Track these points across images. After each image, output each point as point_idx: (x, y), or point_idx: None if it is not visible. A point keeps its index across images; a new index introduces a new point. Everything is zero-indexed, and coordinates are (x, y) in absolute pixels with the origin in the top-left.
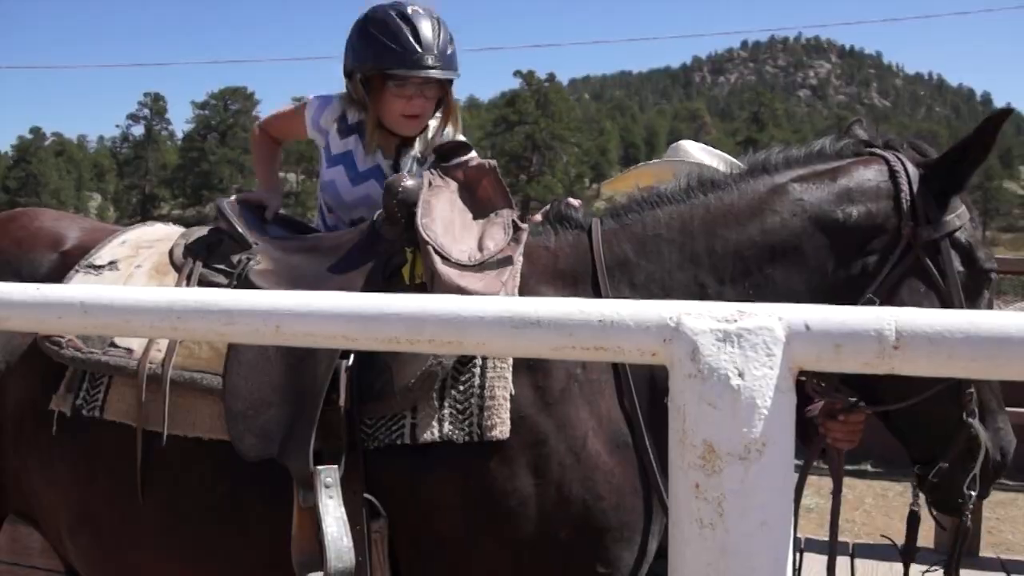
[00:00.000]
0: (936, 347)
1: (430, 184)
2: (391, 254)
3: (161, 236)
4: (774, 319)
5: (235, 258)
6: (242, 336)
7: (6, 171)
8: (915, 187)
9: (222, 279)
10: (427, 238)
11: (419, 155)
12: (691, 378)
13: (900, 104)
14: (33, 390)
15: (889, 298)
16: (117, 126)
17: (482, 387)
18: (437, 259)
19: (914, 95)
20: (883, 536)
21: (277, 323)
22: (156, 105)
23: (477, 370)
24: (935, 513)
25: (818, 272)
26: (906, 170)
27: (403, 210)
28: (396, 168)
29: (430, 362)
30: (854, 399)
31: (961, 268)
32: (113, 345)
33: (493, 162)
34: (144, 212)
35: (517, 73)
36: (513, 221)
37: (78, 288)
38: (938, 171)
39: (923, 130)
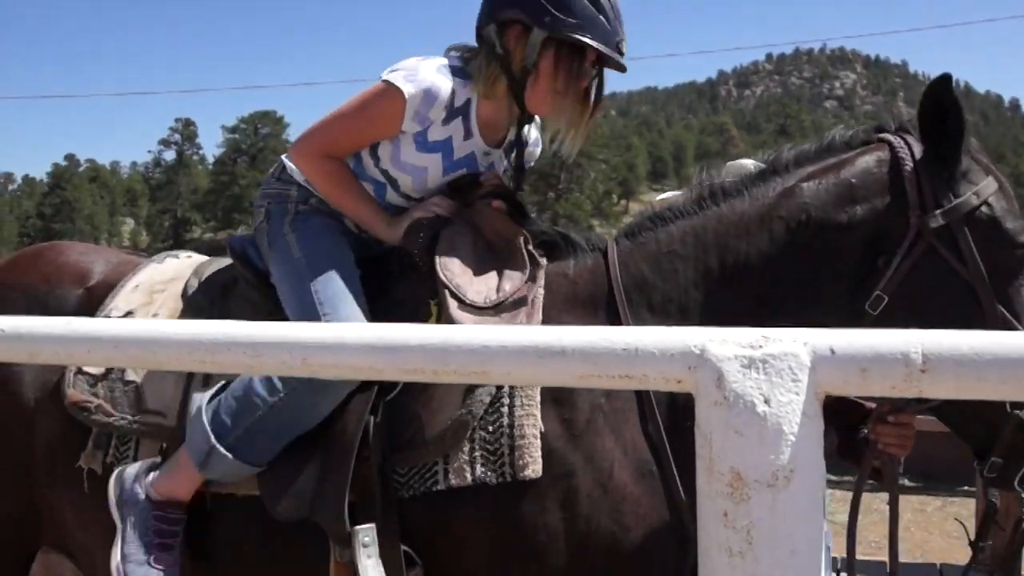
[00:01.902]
0: (964, 369)
1: (450, 223)
2: (415, 306)
3: (173, 275)
4: (799, 344)
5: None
6: (269, 368)
7: (41, 197)
8: (920, 169)
9: None
10: (444, 279)
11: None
12: (717, 405)
13: None
14: (62, 433)
15: (903, 294)
16: (149, 152)
17: (511, 426)
18: (453, 303)
19: None
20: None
21: (303, 356)
22: (187, 130)
23: (505, 409)
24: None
25: (831, 276)
26: (912, 153)
27: (424, 258)
28: (519, 147)
29: (460, 411)
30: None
31: (987, 249)
32: (144, 410)
33: (511, 189)
34: (176, 236)
35: None
36: (531, 254)
37: (107, 321)
38: (929, 139)
39: None
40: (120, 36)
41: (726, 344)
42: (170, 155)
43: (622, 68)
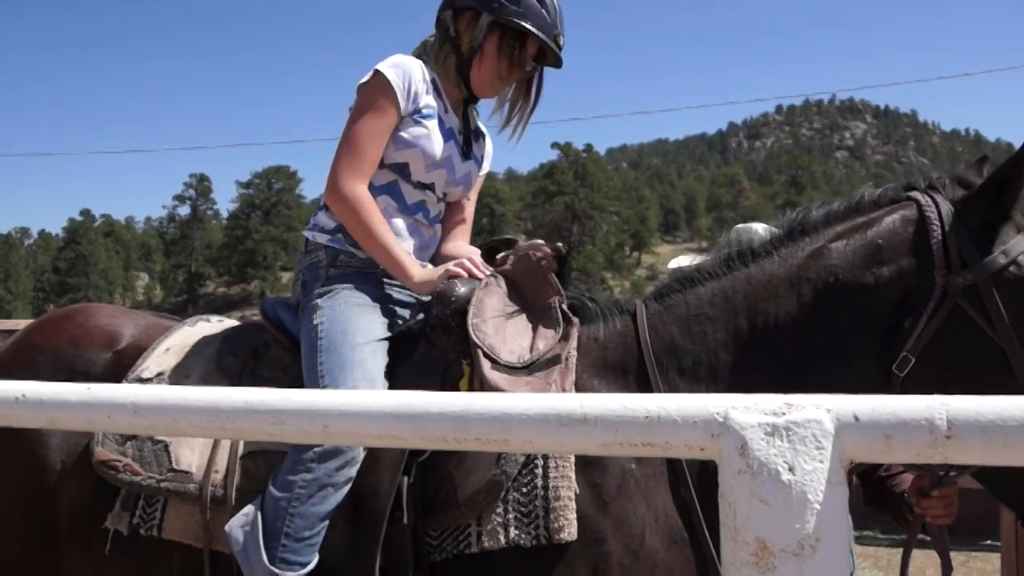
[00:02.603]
0: (990, 436)
1: (482, 284)
2: (447, 366)
3: (203, 339)
4: (822, 411)
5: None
6: (291, 436)
7: (57, 252)
8: (948, 228)
9: None
10: (477, 340)
11: (483, 130)
12: (741, 474)
13: (938, 161)
14: (88, 495)
15: (931, 355)
16: (164, 207)
17: (545, 488)
18: (486, 363)
19: (952, 151)
20: None
21: (325, 423)
22: (201, 186)
23: (539, 471)
24: None
25: (860, 338)
26: (938, 211)
27: (457, 319)
28: (466, 131)
29: (494, 471)
30: (943, 471)
31: (1017, 309)
32: (172, 470)
33: (541, 252)
34: (190, 291)
35: (555, 145)
36: (563, 313)
37: (128, 388)
38: (977, 203)
39: None
40: (136, 93)
41: (749, 411)
42: (184, 210)
43: (558, 60)
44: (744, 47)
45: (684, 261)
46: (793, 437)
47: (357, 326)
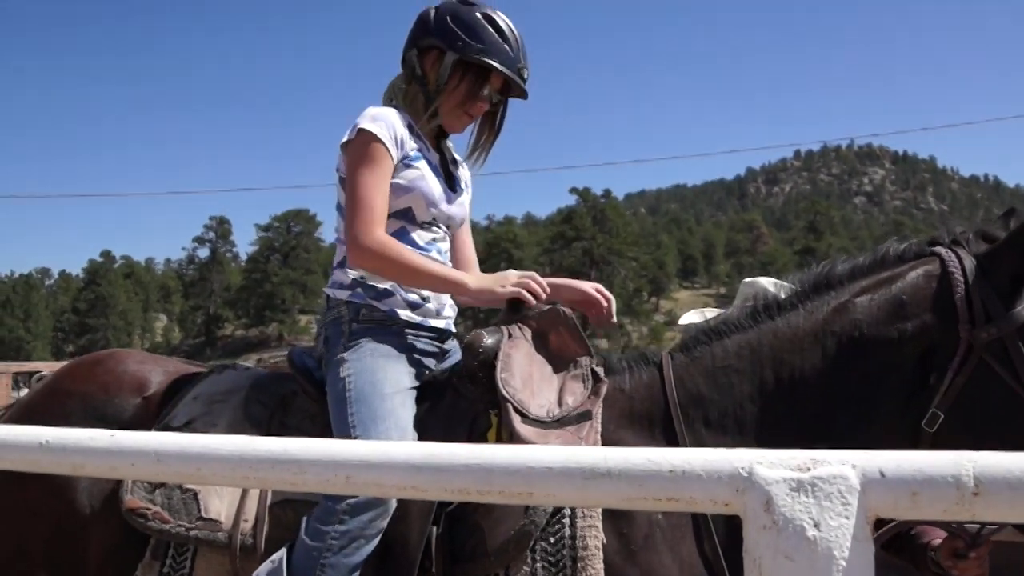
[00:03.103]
0: (1018, 492)
1: (509, 336)
2: (474, 416)
3: (231, 387)
4: (848, 467)
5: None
6: (313, 486)
7: (77, 293)
8: (971, 282)
9: None
10: (506, 395)
11: (458, 159)
12: (766, 529)
13: (957, 207)
14: (118, 543)
15: (959, 410)
16: (183, 249)
17: (573, 537)
18: (516, 418)
19: (971, 197)
20: None
21: (347, 474)
22: (221, 228)
23: (567, 520)
24: None
25: (886, 393)
26: (961, 266)
27: (485, 371)
28: (445, 165)
29: (523, 522)
30: (975, 529)
31: None
32: (201, 518)
33: (568, 309)
34: (208, 332)
35: (573, 190)
36: (592, 371)
37: (151, 436)
38: (1002, 257)
39: None
40: (158, 136)
41: (774, 467)
42: (204, 252)
43: (523, 92)
44: (762, 93)
45: (695, 318)
46: (819, 493)
47: (385, 377)
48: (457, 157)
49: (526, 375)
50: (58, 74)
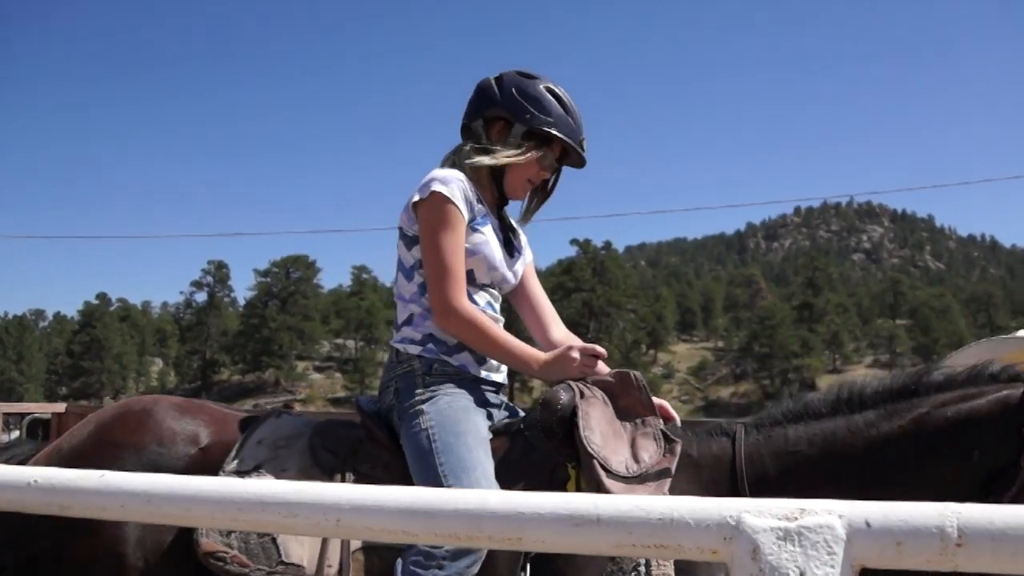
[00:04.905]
0: (1000, 545)
1: (582, 394)
2: (552, 468)
3: (293, 432)
4: (835, 517)
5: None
6: (303, 529)
7: (71, 335)
8: None
9: None
10: (591, 451)
11: (515, 225)
12: None
13: (954, 266)
14: None
15: None
16: (181, 292)
17: None
18: (602, 473)
19: (968, 257)
20: None
21: (338, 517)
22: (219, 272)
23: (642, 569)
24: None
25: None
26: None
27: (561, 426)
28: (504, 230)
29: (609, 568)
30: None
31: None
32: (282, 562)
33: (639, 374)
34: (204, 377)
35: (574, 241)
36: (663, 432)
37: (141, 477)
38: None
39: (978, 291)
40: (157, 179)
41: (762, 515)
42: (201, 296)
43: (583, 161)
44: (764, 149)
45: (975, 354)
46: (805, 542)
47: (467, 428)
48: (513, 223)
49: (604, 432)
50: (54, 117)
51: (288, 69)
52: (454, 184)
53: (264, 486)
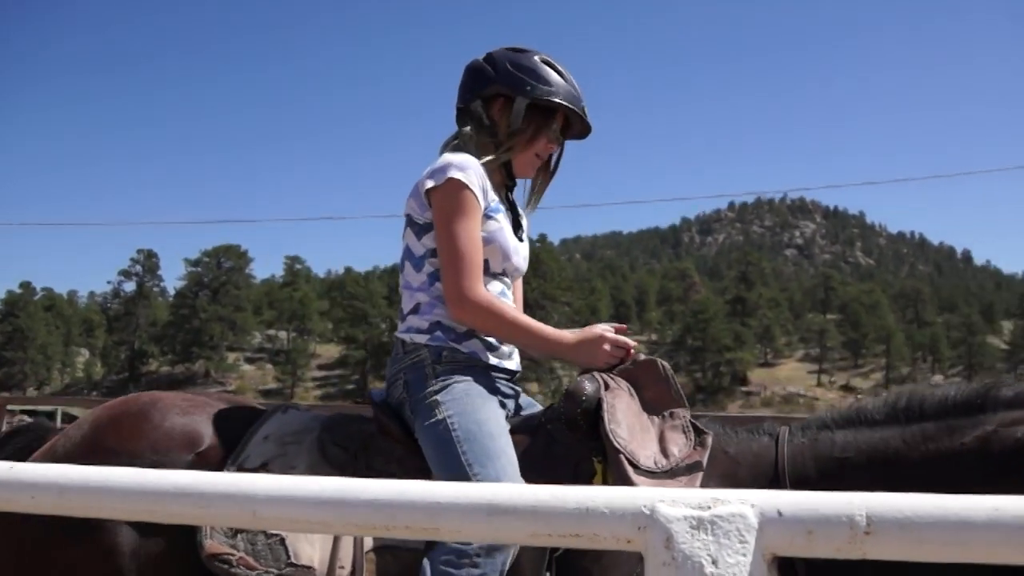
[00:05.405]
0: (906, 532)
1: (607, 386)
2: (577, 462)
3: (300, 428)
4: (747, 506)
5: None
6: (218, 519)
7: None
8: None
9: None
10: (618, 446)
11: (520, 210)
12: (666, 566)
13: (884, 262)
14: None
15: None
16: (109, 282)
17: None
18: (629, 468)
19: (897, 253)
20: None
21: (254, 508)
22: (149, 262)
23: None
24: None
25: None
26: None
27: (586, 418)
28: (516, 215)
29: (637, 569)
30: None
31: None
32: (292, 564)
33: (665, 363)
34: (132, 369)
35: None
36: (693, 424)
37: (53, 468)
38: None
39: (907, 287)
40: (84, 165)
41: (676, 505)
42: (130, 286)
43: (588, 128)
44: (699, 144)
45: None
46: (718, 531)
47: (488, 416)
48: (520, 209)
49: (631, 425)
50: None
51: (222, 56)
52: (471, 170)
53: (180, 476)
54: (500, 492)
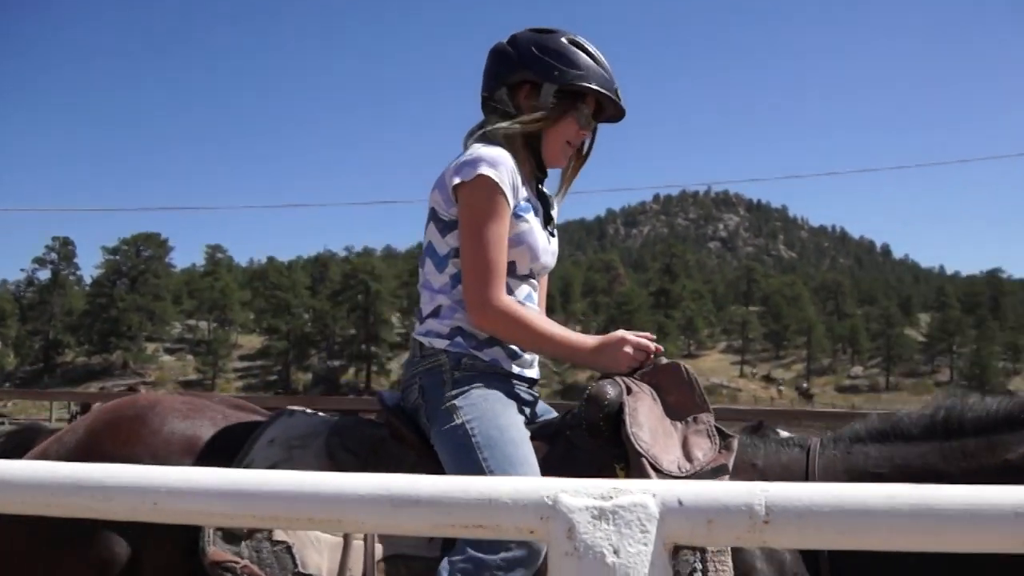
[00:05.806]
0: (804, 521)
1: (629, 390)
2: (598, 468)
3: (307, 431)
4: (648, 496)
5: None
6: (119, 513)
7: None
8: None
9: None
10: (640, 450)
11: (551, 200)
12: (568, 556)
13: (806, 255)
14: None
15: None
16: (22, 270)
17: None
18: (654, 474)
19: (818, 247)
20: None
21: (154, 500)
22: (64, 250)
23: (699, 564)
24: None
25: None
26: None
27: (608, 423)
28: (546, 208)
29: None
30: None
31: None
32: (299, 573)
33: (689, 367)
34: (47, 359)
35: None
36: (717, 428)
37: None
38: None
39: (827, 280)
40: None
41: (578, 495)
42: (45, 274)
43: (622, 111)
44: (624, 136)
45: None
46: (619, 521)
47: (508, 423)
48: (551, 199)
49: (653, 429)
50: None
51: (147, 39)
52: (503, 168)
53: (79, 469)
54: (403, 483)
